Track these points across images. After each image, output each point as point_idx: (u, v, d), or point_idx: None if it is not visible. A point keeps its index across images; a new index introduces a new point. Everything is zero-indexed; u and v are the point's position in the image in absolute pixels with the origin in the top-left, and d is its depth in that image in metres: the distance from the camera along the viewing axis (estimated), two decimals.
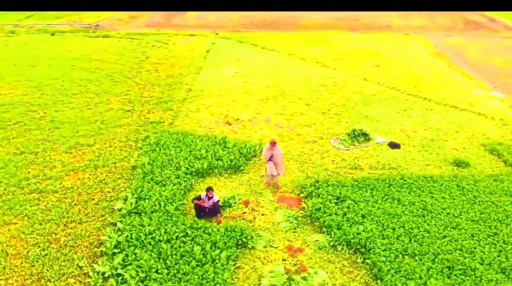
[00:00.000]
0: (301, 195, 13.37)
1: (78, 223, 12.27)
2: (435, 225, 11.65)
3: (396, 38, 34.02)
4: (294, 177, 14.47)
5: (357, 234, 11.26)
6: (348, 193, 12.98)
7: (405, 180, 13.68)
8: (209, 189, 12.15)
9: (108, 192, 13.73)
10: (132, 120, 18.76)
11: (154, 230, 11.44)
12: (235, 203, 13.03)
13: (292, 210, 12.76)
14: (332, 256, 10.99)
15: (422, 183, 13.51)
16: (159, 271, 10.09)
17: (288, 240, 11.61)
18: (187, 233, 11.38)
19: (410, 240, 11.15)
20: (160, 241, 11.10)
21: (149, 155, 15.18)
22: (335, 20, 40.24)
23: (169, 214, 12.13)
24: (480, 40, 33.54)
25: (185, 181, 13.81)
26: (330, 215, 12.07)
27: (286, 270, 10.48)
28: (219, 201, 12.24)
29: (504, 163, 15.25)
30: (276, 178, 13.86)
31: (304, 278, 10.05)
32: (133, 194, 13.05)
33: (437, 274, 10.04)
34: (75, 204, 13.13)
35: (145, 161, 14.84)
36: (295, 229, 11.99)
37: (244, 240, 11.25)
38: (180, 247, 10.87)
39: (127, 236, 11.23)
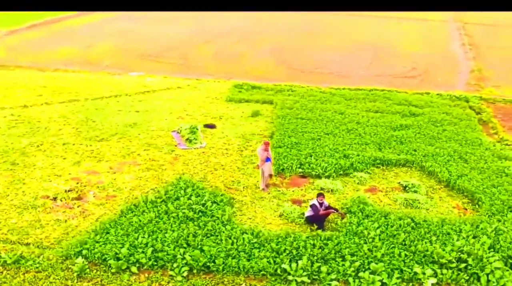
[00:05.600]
0: (293, 174, 15.17)
1: None
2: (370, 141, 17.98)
3: None
4: (252, 174, 15.04)
5: (367, 157, 15.93)
6: (303, 151, 16.31)
7: (294, 131, 18.02)
8: (320, 195, 12.37)
9: None
10: None
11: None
12: (292, 211, 13.07)
13: (314, 182, 14.85)
14: (384, 175, 15.33)
15: (293, 127, 18.53)
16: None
17: (356, 190, 14.57)
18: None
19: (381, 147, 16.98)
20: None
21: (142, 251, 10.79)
22: None
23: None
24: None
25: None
26: (329, 163, 15.56)
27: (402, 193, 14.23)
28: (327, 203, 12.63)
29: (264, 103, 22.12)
30: (268, 179, 14.58)
31: (413, 186, 14.43)
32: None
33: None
34: None
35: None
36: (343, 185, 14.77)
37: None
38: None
39: None
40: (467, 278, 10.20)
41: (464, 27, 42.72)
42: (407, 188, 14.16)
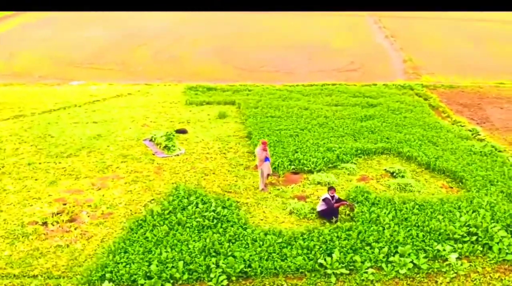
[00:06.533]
0: (286, 171, 15.40)
1: None
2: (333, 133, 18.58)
3: None
4: (245, 176, 15.02)
5: (349, 148, 16.63)
6: (287, 148, 16.61)
7: (270, 129, 18.32)
8: (331, 188, 12.80)
9: None
10: None
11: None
12: (301, 207, 13.16)
13: (310, 176, 15.23)
14: (368, 164, 16.04)
15: (267, 125, 18.76)
16: None
17: (349, 180, 15.20)
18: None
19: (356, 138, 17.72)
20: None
21: None
22: None
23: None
24: None
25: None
26: (317, 157, 16.10)
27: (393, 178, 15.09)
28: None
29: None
30: (266, 178, 14.67)
31: (400, 171, 15.32)
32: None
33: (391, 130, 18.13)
34: None
35: None
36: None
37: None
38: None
39: None
40: (481, 249, 11.11)
41: (380, 21, 45.73)
42: (394, 174, 15.02)
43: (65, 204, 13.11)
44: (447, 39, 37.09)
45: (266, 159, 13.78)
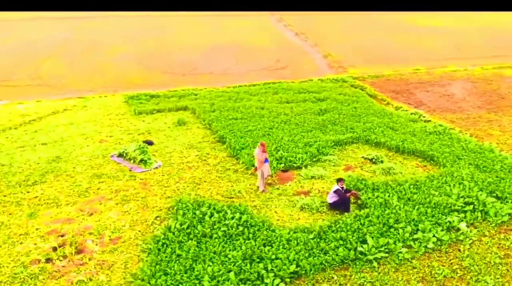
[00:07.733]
0: (277, 170, 15.64)
1: None
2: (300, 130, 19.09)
3: None
4: (239, 179, 14.94)
5: (324, 141, 17.34)
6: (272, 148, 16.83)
7: (240, 131, 18.34)
8: (341, 180, 13.39)
9: None
10: None
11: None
12: (311, 202, 13.73)
13: (301, 172, 15.64)
14: (345, 154, 16.90)
15: (236, 127, 18.77)
16: None
17: (336, 171, 15.93)
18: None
19: (323, 131, 18.52)
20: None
21: None
22: None
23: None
24: None
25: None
26: (300, 153, 16.63)
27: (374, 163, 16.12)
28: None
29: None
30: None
31: (377, 157, 16.33)
32: None
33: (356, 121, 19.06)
34: None
35: None
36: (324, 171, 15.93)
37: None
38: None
39: None
40: (480, 215, 12.48)
41: (283, 19, 47.54)
42: (373, 160, 16.03)
43: (62, 236, 11.81)
44: (354, 33, 39.88)
45: (265, 160, 13.79)
